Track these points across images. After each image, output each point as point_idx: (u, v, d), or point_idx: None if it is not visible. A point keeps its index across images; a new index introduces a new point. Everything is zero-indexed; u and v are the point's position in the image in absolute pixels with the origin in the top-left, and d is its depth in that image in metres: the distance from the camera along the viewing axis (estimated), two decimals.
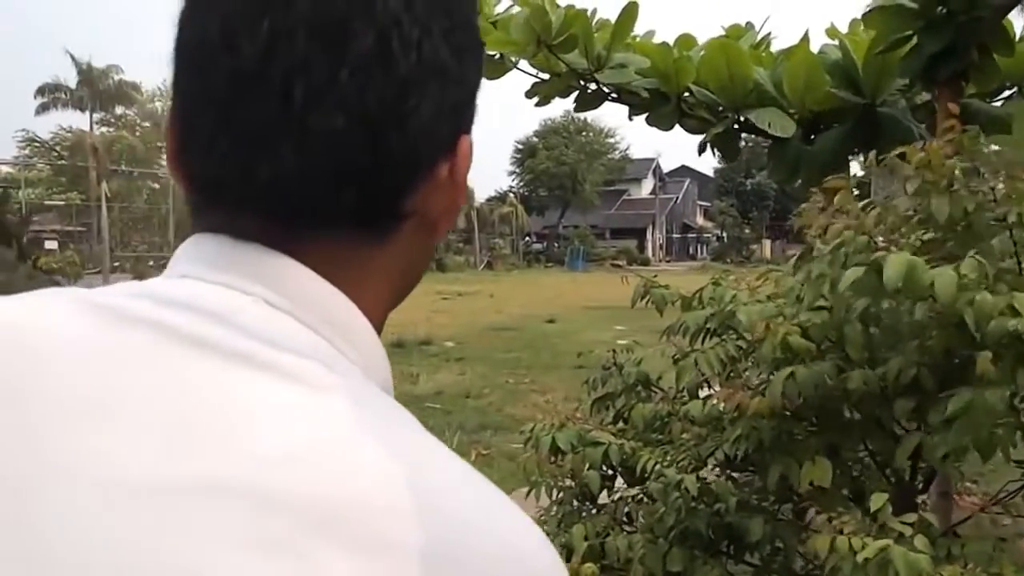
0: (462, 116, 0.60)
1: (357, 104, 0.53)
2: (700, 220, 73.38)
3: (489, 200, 56.20)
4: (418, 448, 0.53)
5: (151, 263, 34.44)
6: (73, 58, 41.74)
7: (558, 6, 2.97)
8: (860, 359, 2.21)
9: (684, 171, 73.87)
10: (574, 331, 15.52)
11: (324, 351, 0.55)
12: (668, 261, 62.54)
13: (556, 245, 57.91)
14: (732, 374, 2.60)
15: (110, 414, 0.50)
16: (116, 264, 33.41)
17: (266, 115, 0.54)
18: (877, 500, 2.05)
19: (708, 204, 71.55)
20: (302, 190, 0.55)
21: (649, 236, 67.97)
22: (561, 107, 60.53)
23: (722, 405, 2.40)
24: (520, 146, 60.55)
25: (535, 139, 59.78)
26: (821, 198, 2.40)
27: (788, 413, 2.37)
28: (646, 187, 71.71)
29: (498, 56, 3.17)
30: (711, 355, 2.42)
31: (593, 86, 3.07)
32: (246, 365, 0.52)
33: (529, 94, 3.31)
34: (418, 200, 0.58)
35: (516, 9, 3.43)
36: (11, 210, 14.49)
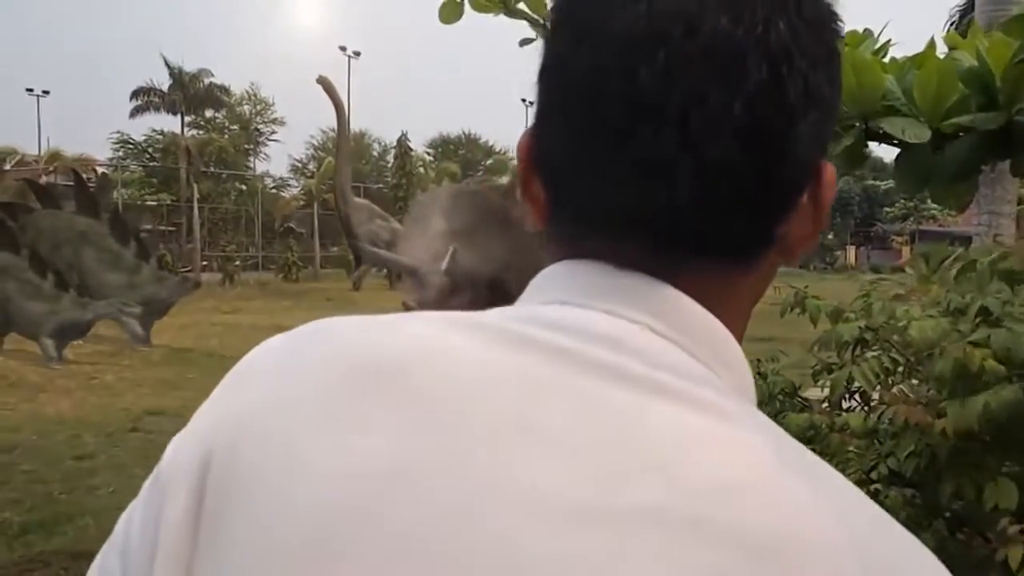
0: (826, 143, 0.60)
1: (750, 134, 0.54)
2: None
3: None
4: (833, 481, 0.53)
5: (237, 262, 35.21)
6: (166, 62, 42.90)
7: None
8: None
9: None
10: None
11: (710, 379, 0.55)
12: None
13: None
14: (888, 386, 2.56)
15: (534, 439, 0.51)
16: (204, 263, 34.28)
17: (663, 144, 0.54)
18: None
19: None
20: (694, 219, 0.56)
21: None
22: None
23: (887, 418, 2.36)
24: None
25: None
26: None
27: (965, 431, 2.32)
28: None
29: None
30: (867, 368, 2.38)
31: None
32: (654, 393, 0.53)
33: None
34: (784, 226, 0.59)
35: None
36: (108, 209, 14.80)
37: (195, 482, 0.54)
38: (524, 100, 55.08)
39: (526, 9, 3.08)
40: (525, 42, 3.23)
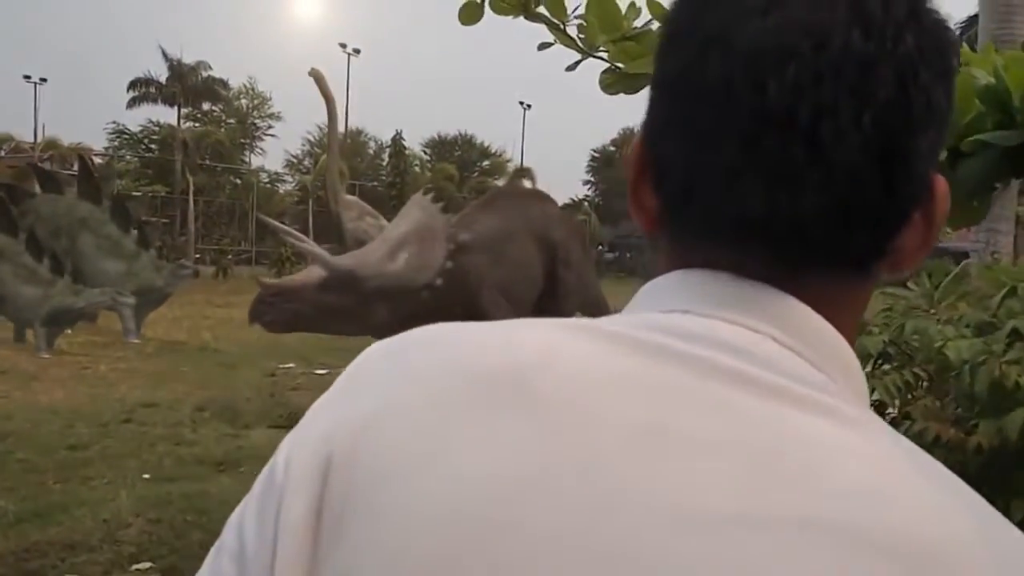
0: (938, 156, 0.61)
1: (877, 147, 0.54)
2: None
3: (563, 208, 56.07)
4: (962, 488, 0.54)
5: (231, 256, 35.14)
6: (164, 53, 42.78)
7: None
8: None
9: None
10: None
11: (832, 388, 0.55)
12: None
13: (628, 255, 57.60)
14: (907, 402, 2.57)
15: (670, 446, 0.51)
16: (197, 256, 34.19)
17: (791, 155, 0.54)
18: None
19: None
20: (820, 230, 0.56)
21: None
22: (641, 116, 60.04)
23: (911, 434, 2.37)
24: (596, 155, 60.40)
25: (612, 148, 59.55)
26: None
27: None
28: None
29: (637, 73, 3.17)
30: (889, 382, 2.39)
31: None
32: (787, 401, 0.53)
33: None
34: (899, 240, 0.59)
35: (656, 25, 3.42)
36: (110, 195, 14.75)
37: (315, 487, 0.54)
38: (522, 103, 55.24)
39: (546, 13, 3.09)
40: (544, 46, 3.24)
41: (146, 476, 6.08)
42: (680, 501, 0.49)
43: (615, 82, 3.51)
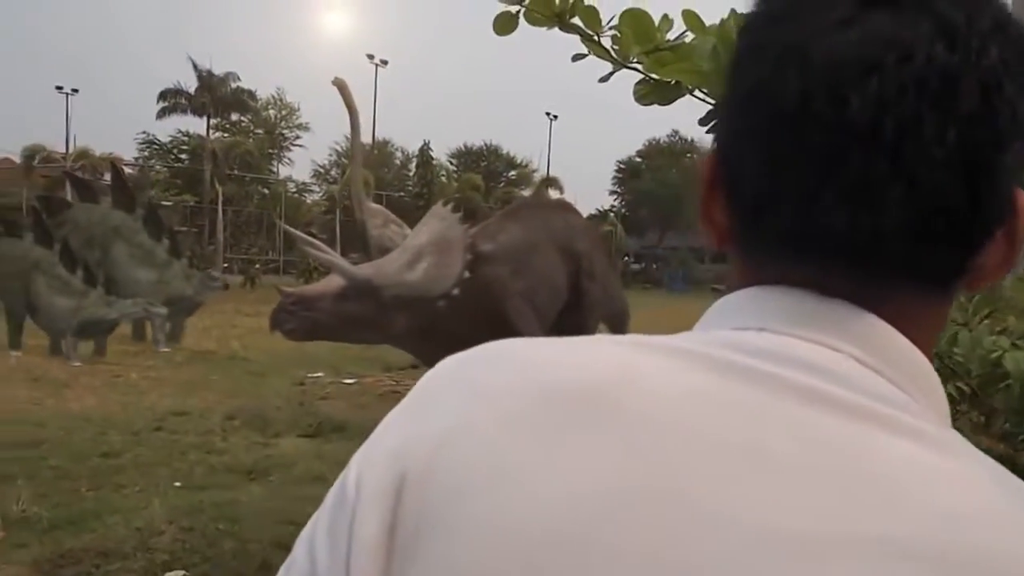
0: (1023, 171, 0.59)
1: (961, 162, 0.53)
2: None
3: (588, 219, 55.96)
4: None
5: (258, 265, 35.36)
6: (194, 64, 43.10)
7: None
8: None
9: None
10: None
11: (915, 408, 0.55)
12: None
13: (654, 266, 57.45)
14: (955, 416, 2.54)
15: (756, 467, 0.50)
16: (226, 266, 34.43)
17: (874, 171, 0.53)
18: None
19: None
20: (901, 246, 0.55)
21: None
22: (667, 127, 60.04)
23: None
24: (622, 165, 60.33)
25: (638, 159, 59.50)
26: None
27: None
28: None
29: (673, 82, 3.17)
30: None
31: None
32: (872, 422, 0.52)
33: (704, 122, 3.31)
34: (981, 258, 0.58)
35: (690, 36, 3.40)
36: (143, 204, 14.87)
37: (389, 504, 0.54)
38: (548, 114, 55.29)
39: (580, 24, 3.09)
40: (577, 57, 3.24)
41: (177, 484, 6.12)
42: (767, 522, 0.48)
43: (649, 93, 3.51)
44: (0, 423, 8.00)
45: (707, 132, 3.56)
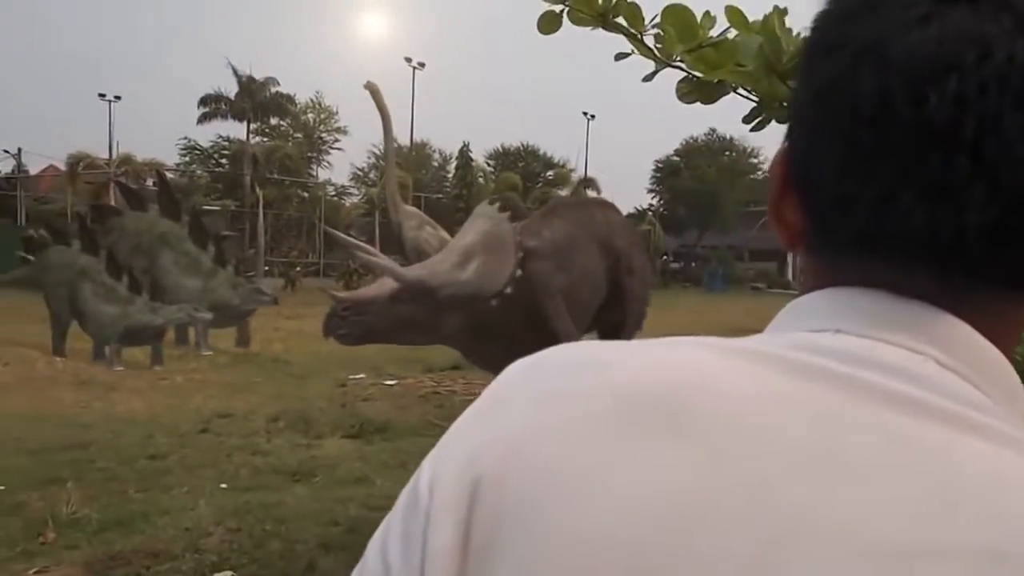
0: None
1: None
2: None
3: (627, 218, 55.79)
4: None
5: (299, 268, 35.68)
6: (234, 70, 43.44)
7: (791, 33, 2.92)
8: None
9: None
10: None
11: (998, 412, 0.54)
12: None
13: (693, 265, 57.18)
14: None
15: (839, 472, 0.50)
16: (267, 269, 34.79)
17: (954, 170, 0.52)
18: None
19: None
20: (982, 247, 0.54)
21: (789, 259, 66.32)
22: (704, 125, 59.73)
23: None
24: (660, 164, 60.06)
25: (676, 158, 59.21)
26: None
27: None
28: None
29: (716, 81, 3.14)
30: None
31: None
32: (954, 425, 0.51)
33: (747, 120, 3.28)
34: None
35: (732, 33, 3.37)
36: (189, 212, 15.06)
37: (462, 510, 0.54)
38: (585, 114, 55.24)
39: (624, 23, 3.07)
40: (620, 56, 3.23)
41: (223, 485, 6.19)
42: (855, 530, 0.48)
43: (692, 91, 3.48)
44: (49, 426, 8.16)
45: (751, 130, 3.53)
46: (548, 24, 2.97)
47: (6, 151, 47.30)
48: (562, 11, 2.91)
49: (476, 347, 6.57)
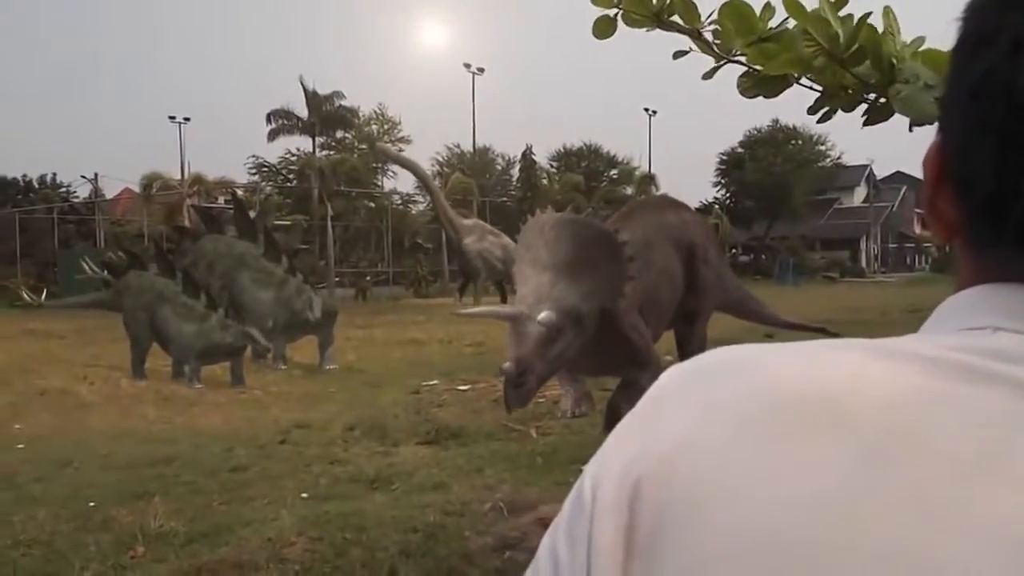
0: None
1: None
2: (918, 229, 69.39)
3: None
4: None
5: (369, 278, 36.08)
6: (303, 85, 43.92)
7: (841, 18, 2.88)
8: None
9: (900, 177, 70.11)
10: None
11: None
12: (884, 273, 59.71)
13: (763, 257, 56.39)
14: None
15: (1008, 472, 0.49)
16: (337, 279, 35.21)
17: None
18: None
19: None
20: None
21: (863, 246, 65.09)
22: (767, 116, 58.87)
23: None
24: (724, 157, 59.39)
25: (740, 150, 58.48)
26: None
27: None
28: (859, 195, 68.80)
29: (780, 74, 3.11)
30: None
31: (884, 99, 2.96)
32: None
33: (812, 110, 3.23)
34: None
35: (791, 23, 3.33)
36: (264, 231, 15.28)
37: (624, 514, 0.55)
38: (647, 110, 54.90)
39: (680, 22, 3.06)
40: (679, 54, 3.22)
41: (304, 495, 6.27)
42: (1015, 537, 0.47)
43: (753, 85, 3.44)
44: (134, 442, 8.37)
45: (817, 122, 3.47)
46: (603, 29, 2.97)
47: (83, 176, 48.83)
48: (616, 14, 2.91)
49: (586, 358, 6.87)
